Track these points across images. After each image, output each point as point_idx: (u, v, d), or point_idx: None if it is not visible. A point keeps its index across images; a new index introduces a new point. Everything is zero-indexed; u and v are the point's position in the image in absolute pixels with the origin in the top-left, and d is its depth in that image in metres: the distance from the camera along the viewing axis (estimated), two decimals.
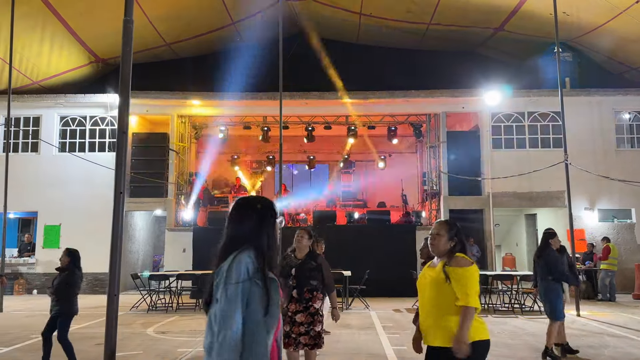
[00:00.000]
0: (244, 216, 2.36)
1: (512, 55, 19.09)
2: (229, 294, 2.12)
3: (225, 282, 2.15)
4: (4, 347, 7.80)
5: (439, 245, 3.36)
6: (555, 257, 7.07)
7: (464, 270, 3.22)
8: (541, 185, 15.69)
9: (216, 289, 2.17)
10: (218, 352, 2.04)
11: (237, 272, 2.15)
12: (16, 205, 15.29)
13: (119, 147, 4.05)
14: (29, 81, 16.89)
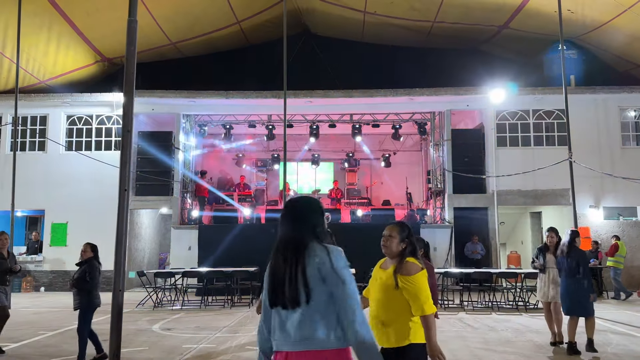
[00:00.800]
0: (302, 215, 2.55)
1: (517, 52, 19.06)
2: (344, 279, 2.38)
3: (337, 267, 2.39)
4: (13, 343, 7.90)
5: (391, 246, 3.45)
6: (586, 255, 7.38)
7: (413, 279, 3.31)
8: (546, 183, 15.67)
9: (325, 277, 2.37)
10: (361, 324, 2.33)
11: (343, 256, 2.44)
12: (24, 203, 15.42)
13: (124, 145, 4.11)
14: (35, 80, 17.03)
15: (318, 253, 2.39)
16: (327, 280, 2.35)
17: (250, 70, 18.25)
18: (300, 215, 2.54)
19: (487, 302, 11.88)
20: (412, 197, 18.38)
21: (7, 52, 15.46)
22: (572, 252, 7.11)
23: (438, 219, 16.71)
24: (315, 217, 2.54)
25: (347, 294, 2.34)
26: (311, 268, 2.37)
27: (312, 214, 2.55)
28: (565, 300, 7.13)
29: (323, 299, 2.35)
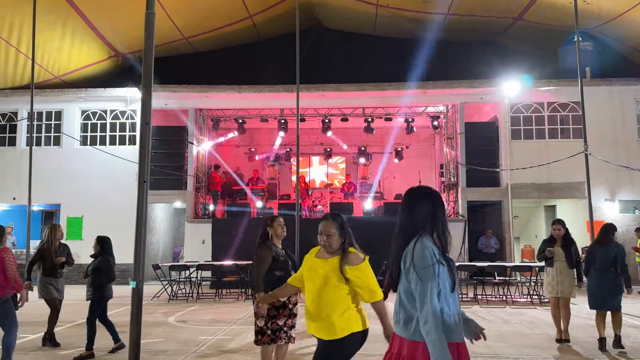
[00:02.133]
0: (418, 205, 2.64)
1: (532, 44, 18.86)
2: (422, 276, 2.41)
3: (415, 264, 2.45)
4: (31, 334, 8.03)
5: (333, 243, 3.41)
6: (624, 248, 7.12)
7: (361, 269, 3.35)
8: (561, 176, 15.54)
9: (407, 271, 2.49)
10: (425, 330, 2.36)
11: (425, 257, 2.44)
12: (40, 197, 15.61)
13: (142, 137, 4.15)
14: (50, 76, 17.20)
15: (412, 245, 2.52)
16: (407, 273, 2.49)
17: (262, 64, 18.25)
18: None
19: (501, 295, 11.84)
20: None
21: (22, 48, 15.63)
22: (611, 245, 6.98)
23: (451, 212, 16.64)
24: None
25: (406, 291, 2.52)
26: (404, 258, 2.53)
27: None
28: (596, 294, 6.90)
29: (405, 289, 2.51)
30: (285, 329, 4.93)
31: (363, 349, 3.53)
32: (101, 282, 6.75)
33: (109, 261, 6.89)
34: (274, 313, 4.87)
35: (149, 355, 6.58)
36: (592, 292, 7.02)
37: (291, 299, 4.97)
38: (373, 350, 4.93)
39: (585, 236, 13.80)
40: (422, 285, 2.40)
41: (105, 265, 6.82)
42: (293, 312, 5.02)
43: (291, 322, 5.00)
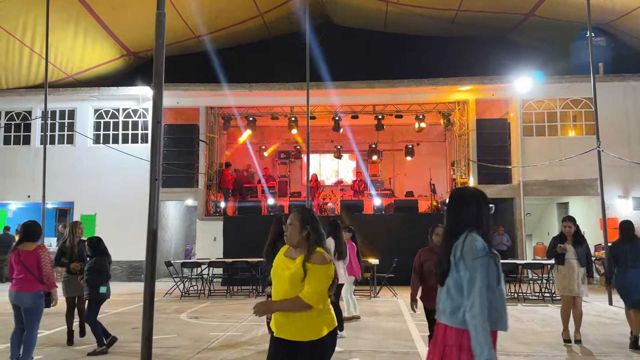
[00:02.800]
0: (465, 204, 2.86)
1: (544, 40, 18.70)
2: (470, 267, 2.63)
3: (465, 257, 2.65)
4: (46, 330, 8.15)
5: (294, 234, 3.30)
6: None
7: (319, 268, 3.16)
8: (573, 173, 15.42)
9: (457, 263, 2.69)
10: (470, 314, 2.58)
11: (476, 249, 2.65)
12: (53, 195, 15.79)
13: (154, 135, 4.20)
14: (63, 75, 17.39)
15: (462, 240, 2.73)
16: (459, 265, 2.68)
17: (272, 62, 18.31)
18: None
19: (512, 293, 11.79)
20: (435, 188, 18.26)
21: (36, 48, 15.81)
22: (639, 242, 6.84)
23: None
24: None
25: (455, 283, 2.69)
26: (453, 252, 2.71)
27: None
28: (633, 292, 6.75)
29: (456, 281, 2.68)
30: None
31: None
32: (97, 282, 6.80)
33: (103, 261, 6.93)
34: None
35: (162, 350, 6.66)
36: (626, 290, 6.84)
37: None
38: None
39: (598, 234, 13.70)
40: (471, 275, 2.61)
41: (100, 265, 6.87)
42: None
43: None
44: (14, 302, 5.86)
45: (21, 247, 5.91)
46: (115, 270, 16.39)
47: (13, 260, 5.90)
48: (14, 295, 5.83)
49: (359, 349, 6.81)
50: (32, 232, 6.04)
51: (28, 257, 5.85)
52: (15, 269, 5.87)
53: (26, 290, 5.80)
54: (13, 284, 5.86)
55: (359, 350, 6.73)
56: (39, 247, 5.96)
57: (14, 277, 5.88)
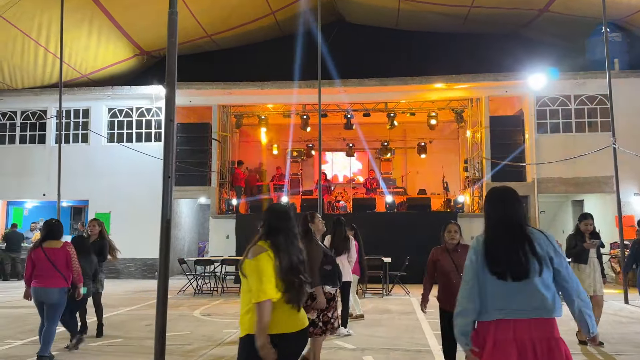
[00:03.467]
0: (520, 201, 3.03)
1: (558, 36, 18.48)
2: (564, 258, 2.84)
3: (558, 249, 2.84)
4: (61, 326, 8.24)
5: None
6: None
7: (250, 263, 3.03)
8: (588, 170, 15.24)
9: (546, 256, 2.78)
10: (585, 297, 2.79)
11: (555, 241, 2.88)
12: (68, 193, 15.95)
13: (167, 134, 4.23)
14: (78, 74, 17.56)
15: (539, 235, 2.85)
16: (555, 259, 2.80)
17: (284, 60, 18.29)
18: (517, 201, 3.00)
19: None
20: (448, 186, 18.17)
21: (50, 47, 15.99)
22: None
23: (476, 208, 16.48)
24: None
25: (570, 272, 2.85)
26: (539, 247, 2.79)
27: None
28: None
29: (549, 274, 2.78)
30: (332, 320, 5.19)
31: None
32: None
33: (86, 261, 6.89)
34: (326, 305, 5.11)
35: (175, 347, 6.71)
36: None
37: (338, 291, 5.33)
38: None
39: (614, 231, 13.54)
40: (568, 265, 2.83)
41: (82, 264, 6.90)
42: (328, 306, 5.20)
43: (337, 313, 5.30)
44: (39, 298, 5.94)
45: (46, 245, 5.99)
46: (129, 267, 16.56)
47: (36, 257, 5.96)
48: (40, 291, 5.90)
49: (372, 346, 6.80)
50: (57, 231, 6.17)
51: (56, 254, 5.98)
52: (39, 266, 5.93)
53: (53, 287, 5.93)
54: (37, 281, 5.92)
55: (372, 347, 6.73)
56: (66, 244, 6.11)
57: (37, 274, 5.93)
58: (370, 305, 9.25)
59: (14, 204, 18.21)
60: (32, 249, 6.11)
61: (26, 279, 6.05)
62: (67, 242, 6.19)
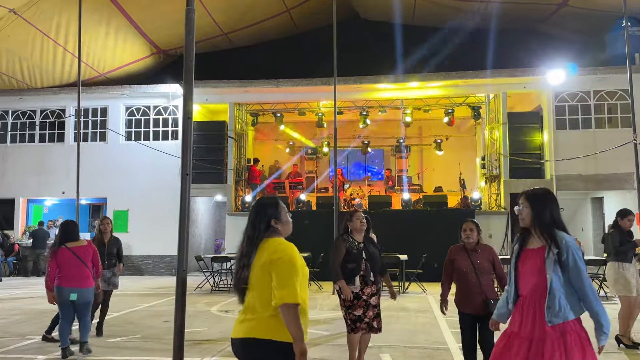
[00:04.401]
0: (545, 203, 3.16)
1: (577, 31, 18.21)
2: (582, 264, 3.01)
3: (575, 253, 3.01)
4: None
5: None
6: None
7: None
8: (608, 166, 15.01)
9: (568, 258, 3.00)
10: (599, 302, 2.98)
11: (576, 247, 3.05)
12: (87, 191, 16.15)
13: (185, 131, 4.26)
14: (96, 73, 17.76)
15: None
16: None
17: (300, 57, 18.32)
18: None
19: None
20: (465, 183, 18.02)
21: (69, 47, 16.19)
22: None
23: (493, 205, 16.33)
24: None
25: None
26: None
27: None
28: None
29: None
30: (367, 320, 5.19)
31: None
32: None
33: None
34: (349, 304, 5.19)
35: (193, 343, 6.76)
36: None
37: (365, 290, 5.20)
38: None
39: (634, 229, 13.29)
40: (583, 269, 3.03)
41: None
42: (370, 303, 5.22)
43: (372, 312, 5.22)
44: (72, 298, 5.98)
45: (71, 245, 6.06)
46: (147, 264, 16.72)
47: (64, 257, 5.99)
48: (73, 292, 5.96)
49: (389, 344, 6.78)
50: (75, 231, 6.25)
51: (84, 252, 6.09)
52: (67, 266, 5.97)
53: (87, 287, 6.07)
54: (69, 281, 5.95)
55: (389, 345, 6.71)
56: (89, 242, 6.24)
57: (65, 274, 5.96)
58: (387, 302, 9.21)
59: (34, 202, 18.50)
60: (55, 251, 6.07)
61: (50, 281, 6.01)
62: (89, 240, 6.32)
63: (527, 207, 3.18)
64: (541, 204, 3.15)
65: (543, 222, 3.10)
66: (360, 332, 5.22)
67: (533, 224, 3.15)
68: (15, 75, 16.89)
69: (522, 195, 3.26)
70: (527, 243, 3.20)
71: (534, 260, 3.09)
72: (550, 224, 3.08)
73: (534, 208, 3.15)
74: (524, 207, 3.20)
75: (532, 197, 3.21)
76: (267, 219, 2.90)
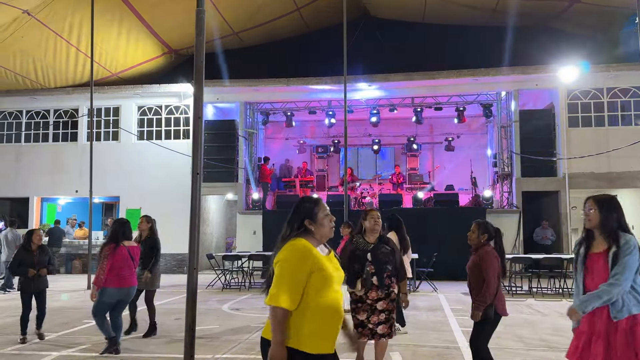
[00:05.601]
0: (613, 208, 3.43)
1: (590, 28, 18.02)
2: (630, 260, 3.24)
3: (631, 252, 3.24)
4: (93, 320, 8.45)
5: None
6: None
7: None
8: (622, 165, 14.85)
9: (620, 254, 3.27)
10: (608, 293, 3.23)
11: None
12: (100, 190, 16.32)
13: (195, 130, 4.30)
14: (108, 73, 17.92)
15: None
16: None
17: (310, 56, 18.33)
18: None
19: (557, 288, 11.49)
20: (476, 181, 17.94)
21: (82, 47, 16.35)
22: None
23: (505, 203, 16.24)
24: None
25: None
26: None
27: None
28: None
29: None
30: (370, 326, 4.88)
31: None
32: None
33: (16, 255, 7.14)
34: (354, 306, 4.96)
35: (204, 340, 6.81)
36: None
37: (370, 294, 4.87)
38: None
39: None
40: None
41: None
42: (376, 308, 4.87)
43: (377, 318, 4.88)
44: (120, 298, 6.08)
45: (127, 244, 6.17)
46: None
47: (121, 255, 6.05)
48: (123, 291, 6.08)
49: (399, 343, 6.78)
50: (131, 230, 6.36)
51: (136, 252, 6.26)
52: (119, 265, 6.04)
53: (134, 285, 6.28)
54: (119, 281, 6.01)
55: (399, 344, 6.71)
56: (138, 242, 6.37)
57: (116, 274, 5.99)
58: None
59: (47, 201, 18.73)
60: (113, 249, 6.03)
61: (101, 279, 5.93)
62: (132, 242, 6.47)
63: (595, 210, 3.44)
64: (609, 208, 3.43)
65: (609, 225, 3.38)
66: (363, 337, 4.92)
67: (599, 226, 3.43)
68: (29, 75, 17.09)
69: (591, 199, 3.53)
70: (592, 247, 3.48)
71: (598, 262, 3.39)
72: (616, 227, 3.37)
73: (602, 211, 3.43)
74: (593, 210, 3.47)
75: (600, 201, 3.49)
76: (302, 218, 2.84)
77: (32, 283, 6.93)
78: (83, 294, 11.61)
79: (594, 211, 3.43)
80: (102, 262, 6.02)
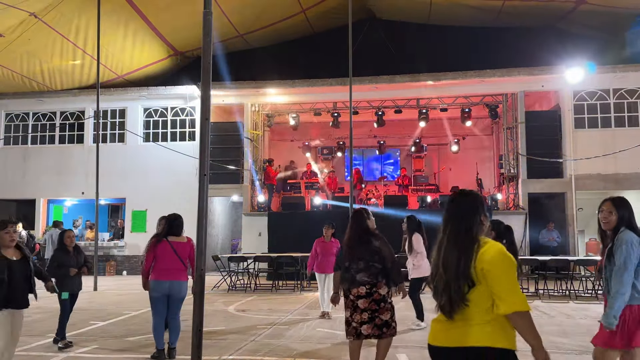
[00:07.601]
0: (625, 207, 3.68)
1: (596, 29, 17.94)
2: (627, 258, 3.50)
3: (625, 249, 3.50)
4: (101, 321, 8.48)
5: None
6: None
7: None
8: (628, 166, 14.78)
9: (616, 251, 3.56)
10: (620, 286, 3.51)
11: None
12: (106, 192, 16.37)
13: (202, 132, 4.30)
14: (114, 75, 17.99)
15: None
16: None
17: (315, 58, 18.35)
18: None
19: (563, 290, 11.43)
20: (482, 182, 17.88)
21: (88, 49, 16.43)
22: None
23: (511, 205, 16.18)
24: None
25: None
26: None
27: None
28: None
29: None
30: (354, 324, 4.80)
31: None
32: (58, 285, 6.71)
33: (54, 256, 6.96)
34: (345, 301, 4.93)
35: (211, 341, 6.82)
36: None
37: (352, 291, 4.80)
38: None
39: None
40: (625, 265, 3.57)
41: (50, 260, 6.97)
42: (357, 306, 4.78)
43: (359, 317, 4.77)
44: (166, 292, 6.00)
45: (172, 239, 6.13)
46: None
47: (162, 249, 6.04)
48: (170, 285, 5.98)
49: (406, 343, 6.76)
50: (180, 226, 6.29)
51: (182, 248, 6.13)
52: (163, 259, 6.00)
53: (182, 280, 6.08)
54: (166, 275, 5.98)
55: (406, 345, 6.69)
56: (190, 239, 6.26)
57: (162, 268, 5.98)
58: (403, 303, 9.19)
59: (54, 202, 18.80)
60: (156, 242, 6.09)
61: (145, 271, 6.10)
62: (189, 237, 6.31)
63: (614, 212, 3.66)
64: (625, 209, 3.66)
65: (621, 225, 3.62)
66: (349, 336, 4.85)
67: (614, 227, 3.67)
68: (35, 77, 17.19)
69: (609, 201, 3.74)
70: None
71: None
72: (621, 224, 3.61)
73: (618, 212, 3.65)
74: (612, 212, 3.67)
75: (618, 203, 3.70)
76: (480, 215, 2.63)
77: (73, 283, 6.91)
78: (89, 296, 11.65)
79: (613, 214, 3.64)
80: (145, 255, 6.22)
